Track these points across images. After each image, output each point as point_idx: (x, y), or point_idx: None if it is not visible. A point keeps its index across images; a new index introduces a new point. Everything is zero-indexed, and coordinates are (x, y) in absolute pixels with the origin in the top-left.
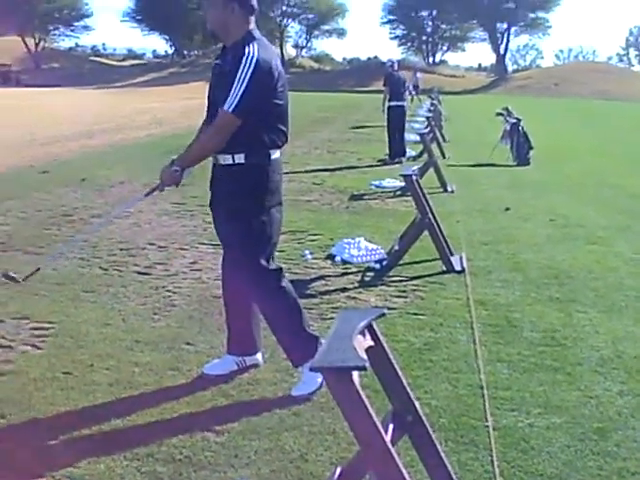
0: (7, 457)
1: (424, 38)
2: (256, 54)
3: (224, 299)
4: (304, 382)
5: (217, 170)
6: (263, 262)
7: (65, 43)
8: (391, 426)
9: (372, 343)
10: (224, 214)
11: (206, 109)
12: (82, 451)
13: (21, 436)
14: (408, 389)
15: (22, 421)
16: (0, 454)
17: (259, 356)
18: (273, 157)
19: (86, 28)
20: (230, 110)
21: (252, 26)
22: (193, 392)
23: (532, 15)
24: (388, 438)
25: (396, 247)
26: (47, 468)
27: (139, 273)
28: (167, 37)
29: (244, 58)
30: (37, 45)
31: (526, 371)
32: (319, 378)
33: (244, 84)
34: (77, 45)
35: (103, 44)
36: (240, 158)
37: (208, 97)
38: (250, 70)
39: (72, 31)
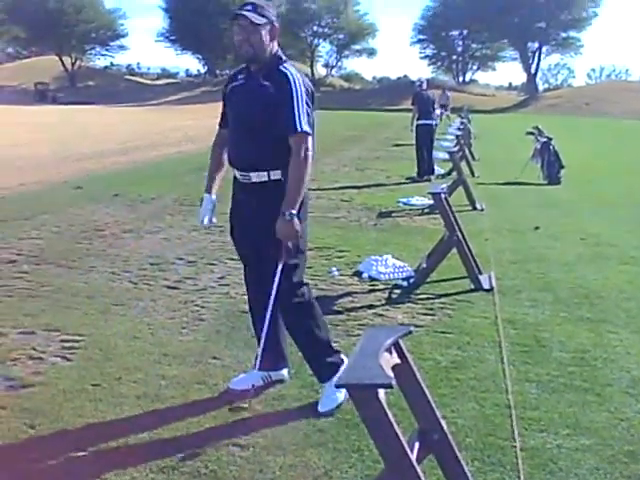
0: (35, 467)
1: (454, 57)
2: (297, 74)
3: (257, 314)
4: (328, 397)
5: (249, 187)
6: (302, 276)
7: (101, 62)
8: (417, 445)
9: (399, 361)
10: (265, 230)
11: (231, 126)
12: (109, 463)
13: (49, 447)
14: (434, 407)
15: (51, 432)
16: (29, 464)
17: (285, 372)
18: None
19: (121, 48)
20: (304, 130)
21: (277, 47)
22: (219, 406)
23: (564, 34)
24: (414, 457)
25: (424, 265)
26: (74, 479)
27: (168, 287)
28: (200, 56)
29: (291, 78)
30: (73, 64)
31: (555, 391)
32: (341, 393)
33: (302, 102)
34: (112, 64)
35: (138, 63)
36: (276, 175)
37: (231, 114)
38: (301, 89)
39: (107, 50)
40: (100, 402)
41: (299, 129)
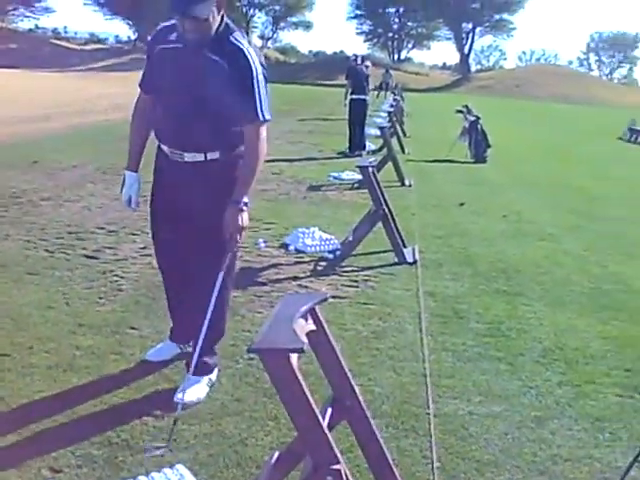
0: None
1: (390, 35)
2: (251, 49)
3: (180, 288)
4: (193, 390)
5: (180, 166)
6: (237, 252)
7: (24, 24)
8: (329, 410)
9: (314, 327)
10: (195, 212)
11: (164, 98)
12: (14, 432)
13: None
14: (348, 374)
15: None
16: None
17: None
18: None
19: (47, 10)
20: (265, 118)
21: (224, 15)
22: (135, 377)
23: (497, 16)
24: (325, 423)
25: (350, 238)
26: None
27: (87, 257)
28: (130, 22)
29: (249, 56)
30: None
31: (470, 360)
32: (204, 392)
33: (263, 85)
34: (37, 27)
35: (64, 27)
36: (214, 155)
37: (163, 84)
38: (259, 67)
39: (32, 12)
40: (8, 372)
41: (261, 118)
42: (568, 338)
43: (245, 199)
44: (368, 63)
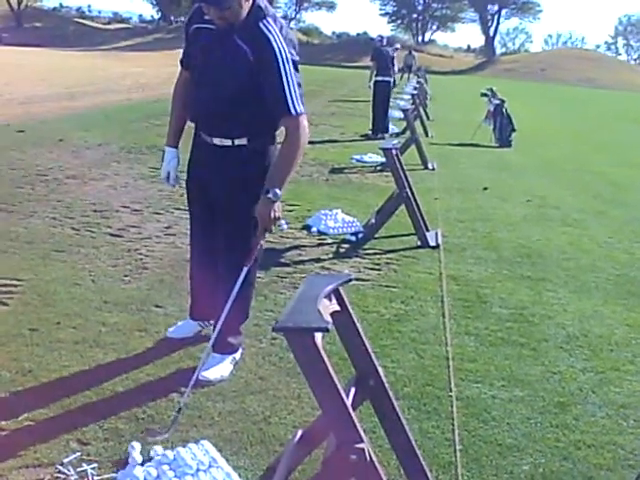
0: None
1: (414, 16)
2: (279, 36)
3: (206, 266)
4: (217, 368)
5: (210, 147)
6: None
7: (49, 2)
8: (353, 390)
9: (338, 308)
10: (223, 193)
11: (196, 78)
12: (43, 405)
13: None
14: (371, 354)
15: None
16: None
17: None
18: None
19: None
20: (298, 112)
21: None
22: (159, 354)
23: None
24: (349, 402)
25: (372, 220)
26: (4, 418)
27: (112, 235)
28: (153, 1)
29: (275, 45)
30: (20, 3)
31: (492, 345)
32: (228, 370)
33: (291, 75)
34: (61, 5)
35: (89, 6)
36: (242, 141)
37: (197, 64)
38: (287, 56)
39: None
40: (37, 347)
41: (293, 112)
42: (593, 325)
43: (278, 191)
44: (398, 46)
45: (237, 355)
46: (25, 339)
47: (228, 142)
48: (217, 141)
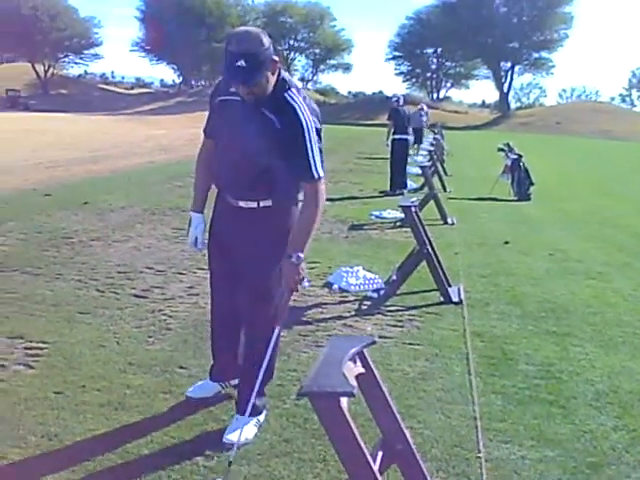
0: None
1: (428, 75)
2: (304, 106)
3: (228, 327)
4: (241, 430)
5: (235, 209)
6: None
7: (74, 70)
8: (380, 454)
9: (363, 370)
10: (247, 253)
11: (222, 146)
12: (68, 471)
13: (8, 454)
14: (398, 417)
15: (11, 440)
16: None
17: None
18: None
19: (95, 56)
20: (320, 176)
21: (281, 71)
22: (184, 416)
23: (536, 55)
24: (376, 467)
25: (394, 277)
26: None
27: (136, 296)
28: (175, 67)
29: (301, 115)
30: (46, 72)
31: (520, 403)
32: (252, 433)
33: (314, 143)
34: (86, 72)
35: (112, 72)
36: (267, 203)
37: (223, 133)
38: (311, 124)
39: (81, 59)
40: (62, 410)
41: (316, 176)
42: (622, 380)
43: (301, 254)
44: (425, 108)
45: (261, 417)
46: (51, 402)
47: (254, 204)
48: (243, 204)
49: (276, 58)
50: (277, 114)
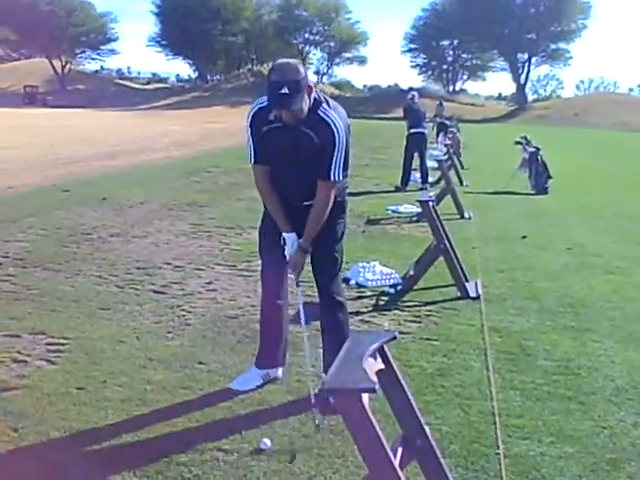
0: (17, 470)
1: (444, 67)
2: (338, 120)
3: (278, 316)
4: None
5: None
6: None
7: (91, 66)
8: (400, 450)
9: (383, 366)
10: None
11: (277, 166)
12: (91, 466)
13: (32, 450)
14: (418, 413)
15: (34, 435)
16: (11, 467)
17: (280, 371)
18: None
19: (112, 52)
20: (335, 179)
21: (314, 92)
22: (204, 411)
23: (553, 46)
24: (397, 462)
25: (411, 272)
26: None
27: (155, 292)
28: (190, 62)
29: (335, 130)
30: (63, 67)
31: (539, 399)
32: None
33: (342, 153)
34: (102, 68)
35: (128, 67)
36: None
37: (274, 155)
38: (344, 139)
39: (98, 54)
40: (84, 405)
41: (332, 178)
42: None
43: (309, 247)
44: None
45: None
46: (73, 398)
47: (311, 202)
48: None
49: (311, 84)
50: (314, 129)
